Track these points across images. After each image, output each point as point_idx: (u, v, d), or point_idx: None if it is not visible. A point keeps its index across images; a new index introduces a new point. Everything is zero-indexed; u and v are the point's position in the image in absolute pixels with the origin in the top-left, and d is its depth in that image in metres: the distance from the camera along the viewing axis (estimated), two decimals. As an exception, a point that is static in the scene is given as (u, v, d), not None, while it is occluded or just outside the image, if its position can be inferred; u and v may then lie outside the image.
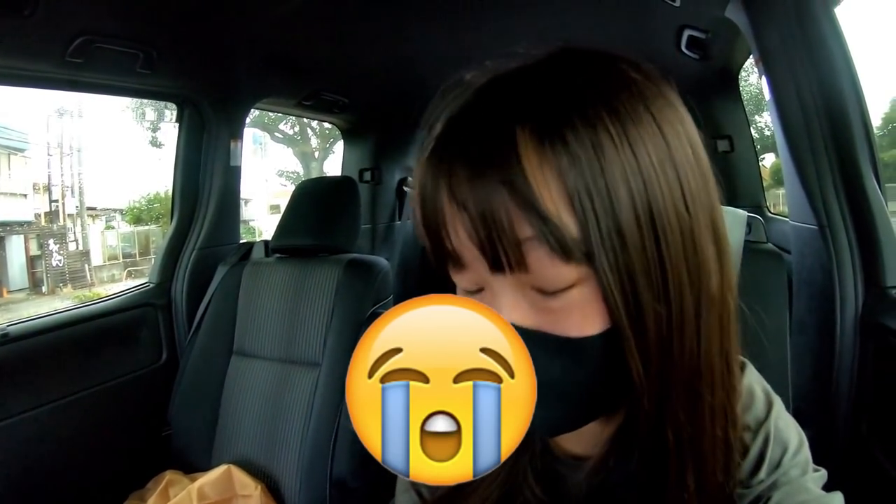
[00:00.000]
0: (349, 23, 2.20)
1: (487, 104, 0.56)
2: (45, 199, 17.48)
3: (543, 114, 0.52)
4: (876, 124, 1.46)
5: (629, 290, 0.52)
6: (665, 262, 0.53)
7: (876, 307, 1.40)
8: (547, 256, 0.51)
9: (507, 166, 0.50)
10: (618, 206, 0.51)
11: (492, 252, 0.52)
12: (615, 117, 0.52)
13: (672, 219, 0.53)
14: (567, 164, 0.50)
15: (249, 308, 2.10)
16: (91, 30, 1.73)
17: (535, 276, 0.52)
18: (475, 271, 0.56)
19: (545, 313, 0.54)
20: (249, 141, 16.67)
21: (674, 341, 0.55)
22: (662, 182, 0.53)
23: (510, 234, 0.51)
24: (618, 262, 0.51)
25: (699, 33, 2.18)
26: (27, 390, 1.81)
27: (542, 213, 0.50)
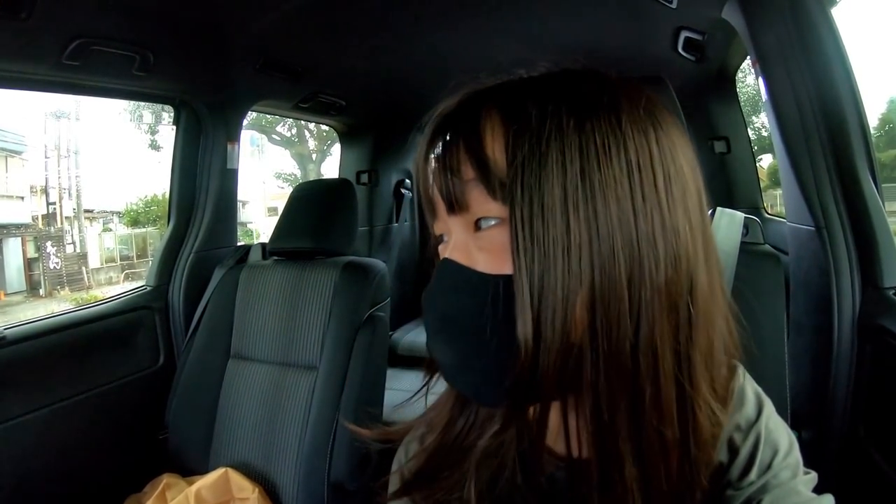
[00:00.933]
0: (346, 26, 2.20)
1: (472, 95, 0.68)
2: (42, 201, 17.45)
3: (511, 98, 0.63)
4: (873, 124, 1.46)
5: (540, 241, 0.57)
6: (592, 235, 0.57)
7: (873, 308, 1.40)
8: (481, 195, 0.61)
9: (468, 127, 0.63)
10: (544, 165, 0.58)
11: (446, 192, 0.64)
12: (573, 102, 0.60)
13: (611, 201, 0.57)
14: (513, 123, 0.60)
15: (246, 311, 2.10)
16: (87, 32, 1.72)
17: (473, 213, 0.62)
18: (442, 217, 0.67)
19: (478, 252, 0.62)
20: (247, 143, 16.68)
21: (596, 319, 0.56)
22: (604, 164, 0.58)
23: (458, 175, 0.62)
24: (532, 210, 0.57)
25: (696, 35, 2.19)
26: (24, 394, 1.80)
27: (482, 158, 0.61)
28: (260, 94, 2.61)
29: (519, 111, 0.60)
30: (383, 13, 2.12)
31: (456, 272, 0.63)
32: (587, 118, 0.59)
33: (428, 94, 3.23)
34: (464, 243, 0.63)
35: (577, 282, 0.56)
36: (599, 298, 0.56)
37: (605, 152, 0.57)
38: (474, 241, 0.63)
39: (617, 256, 0.56)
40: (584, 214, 0.56)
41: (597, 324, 0.56)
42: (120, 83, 2.04)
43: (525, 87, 0.64)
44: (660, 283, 0.57)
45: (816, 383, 1.52)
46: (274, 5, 1.95)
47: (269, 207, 20.55)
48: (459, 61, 2.72)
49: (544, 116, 0.59)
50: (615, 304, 0.56)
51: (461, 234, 0.64)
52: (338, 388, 1.87)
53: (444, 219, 0.66)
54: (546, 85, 0.64)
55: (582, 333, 0.56)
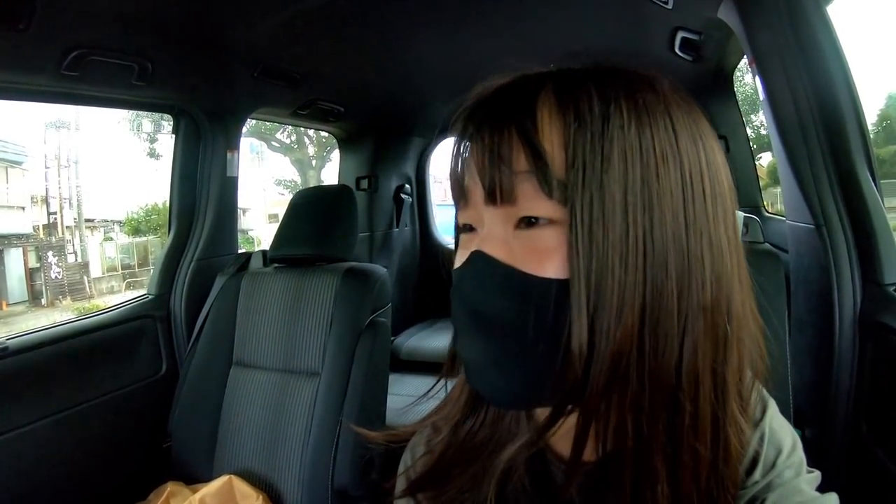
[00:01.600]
0: (343, 32, 2.21)
1: (518, 80, 0.64)
2: (43, 211, 17.45)
3: (568, 89, 0.59)
4: (871, 121, 1.45)
5: (598, 246, 0.55)
6: (648, 246, 0.56)
7: (874, 305, 1.40)
8: (533, 190, 0.57)
9: (521, 113, 0.59)
10: (607, 168, 0.56)
11: (489, 180, 0.59)
12: (631, 103, 0.58)
13: (667, 213, 0.56)
14: (572, 120, 0.57)
15: (248, 318, 2.10)
16: (86, 43, 1.73)
17: (520, 208, 0.58)
18: (475, 206, 0.63)
19: (519, 250, 0.58)
20: (247, 150, 16.67)
21: (645, 333, 0.56)
22: (662, 174, 0.57)
23: (508, 165, 0.58)
24: (592, 213, 0.55)
25: (692, 35, 2.19)
26: (27, 404, 1.81)
27: (538, 150, 0.57)
28: (258, 101, 2.61)
29: (578, 104, 0.58)
30: (380, 20, 2.13)
31: (495, 269, 0.59)
32: (646, 123, 0.58)
33: (426, 99, 3.24)
34: (501, 238, 0.60)
35: (631, 293, 0.55)
36: (650, 312, 0.56)
37: (663, 162, 0.57)
38: (515, 238, 0.59)
39: (669, 271, 0.56)
40: (642, 223, 0.56)
41: (646, 338, 0.56)
42: (119, 93, 2.05)
43: (582, 79, 0.61)
44: (705, 301, 0.58)
45: (818, 381, 1.52)
46: (271, 13, 1.96)
47: (270, 214, 20.53)
48: (457, 66, 2.73)
49: (606, 115, 0.57)
50: (664, 319, 0.56)
51: (499, 227, 0.60)
52: (340, 394, 1.87)
53: (478, 208, 0.62)
54: (603, 80, 0.60)
55: (631, 345, 0.56)
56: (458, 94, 2.34)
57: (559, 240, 0.56)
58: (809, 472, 0.65)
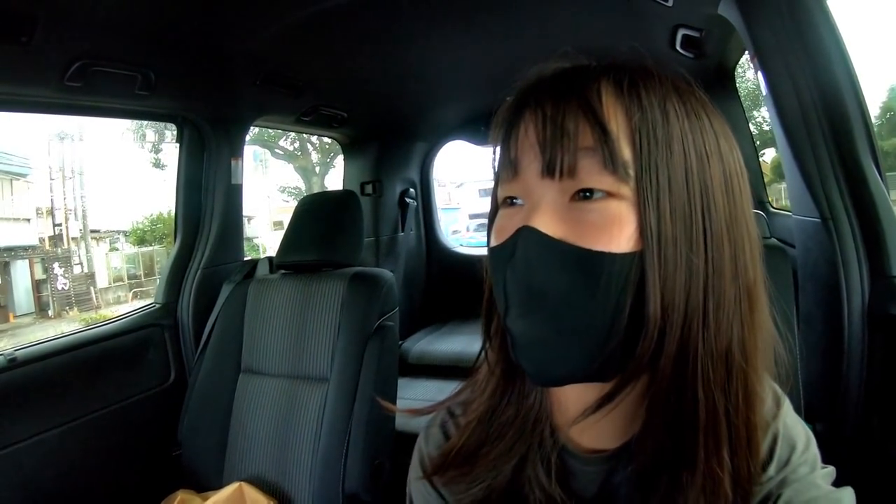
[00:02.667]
0: (345, 39, 2.21)
1: (577, 66, 0.66)
2: (48, 223, 17.51)
3: (625, 72, 0.62)
4: (874, 113, 1.45)
5: (666, 224, 0.58)
6: (707, 231, 0.59)
7: (883, 298, 1.39)
8: (597, 165, 0.58)
9: (586, 91, 0.60)
10: (670, 156, 0.59)
11: (550, 153, 0.59)
12: (680, 103, 0.62)
13: (720, 202, 0.61)
14: (635, 109, 0.59)
15: (256, 325, 2.10)
16: (89, 54, 1.74)
17: (580, 181, 0.59)
18: (525, 178, 0.62)
19: (577, 225, 0.58)
20: (250, 158, 16.71)
21: (708, 307, 0.59)
22: (713, 168, 0.61)
23: (573, 139, 0.58)
24: (659, 192, 0.58)
25: (693, 32, 2.18)
26: (36, 414, 1.81)
27: (605, 128, 0.58)
28: (262, 109, 2.61)
29: (638, 94, 0.60)
30: (381, 26, 2.13)
31: (553, 245, 0.58)
32: (695, 123, 0.62)
33: (429, 103, 3.23)
34: (554, 210, 0.60)
35: (696, 269, 0.58)
36: (712, 290, 0.59)
37: (709, 158, 0.61)
38: (572, 211, 0.59)
39: (724, 253, 0.59)
40: (701, 206, 0.59)
41: (710, 314, 0.59)
42: (122, 103, 2.06)
43: (634, 75, 0.63)
44: (748, 285, 0.62)
45: (828, 375, 1.51)
46: (273, 21, 1.96)
47: (275, 221, 20.57)
48: (459, 69, 2.73)
49: (664, 109, 0.60)
50: (722, 301, 0.59)
51: (553, 200, 0.60)
52: (349, 399, 1.87)
53: (529, 181, 0.62)
54: (651, 78, 0.63)
55: (698, 321, 0.59)
56: (460, 97, 2.34)
57: (621, 214, 0.58)
58: (824, 467, 0.65)
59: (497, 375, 0.73)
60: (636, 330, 0.58)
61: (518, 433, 0.71)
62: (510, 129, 0.65)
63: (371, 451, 1.85)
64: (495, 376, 0.73)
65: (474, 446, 0.72)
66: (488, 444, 0.72)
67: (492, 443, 0.72)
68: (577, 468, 0.70)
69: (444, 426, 0.81)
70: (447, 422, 0.81)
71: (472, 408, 0.75)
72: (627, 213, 0.57)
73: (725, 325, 0.59)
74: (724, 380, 0.60)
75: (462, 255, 4.15)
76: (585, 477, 0.69)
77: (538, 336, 0.60)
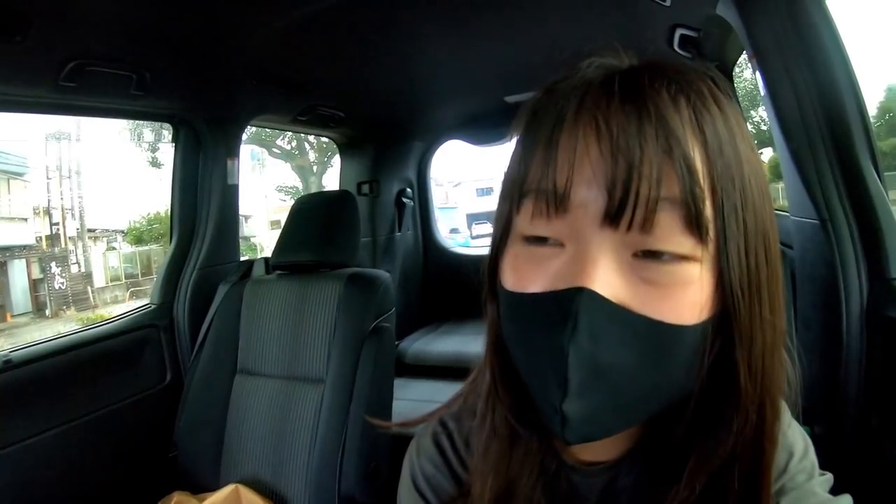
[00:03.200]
0: (342, 38, 2.20)
1: (639, 70, 0.55)
2: (45, 222, 17.52)
3: (691, 86, 0.53)
4: (872, 113, 1.44)
5: (745, 286, 0.52)
6: (770, 279, 0.55)
7: (881, 300, 1.39)
8: (678, 222, 0.49)
9: (669, 119, 0.50)
10: (745, 205, 0.52)
11: (621, 199, 0.49)
12: (736, 121, 0.54)
13: (772, 241, 0.56)
14: (715, 145, 0.51)
15: (252, 326, 2.09)
16: (83, 53, 1.73)
17: (655, 239, 0.50)
18: (576, 218, 0.52)
19: (642, 287, 0.51)
20: (247, 157, 16.70)
21: (775, 358, 0.56)
22: (768, 201, 0.56)
23: (654, 186, 0.48)
24: (739, 255, 0.52)
25: (691, 32, 2.18)
26: (32, 416, 1.81)
27: (696, 178, 0.49)
28: (258, 108, 2.61)
29: (709, 112, 0.52)
30: (379, 25, 2.12)
31: (622, 317, 0.50)
32: (747, 140, 0.55)
33: (426, 103, 3.23)
34: (618, 270, 0.51)
35: (769, 326, 0.55)
36: (774, 345, 0.56)
37: (764, 190, 0.55)
38: (636, 270, 0.51)
39: (778, 301, 0.56)
40: (764, 252, 0.54)
41: (775, 363, 0.57)
42: (117, 103, 2.05)
43: (692, 74, 0.55)
44: (781, 330, 0.58)
45: (827, 377, 1.51)
46: (269, 20, 1.95)
47: (272, 221, 20.62)
48: (457, 69, 2.73)
49: (732, 133, 0.53)
50: (777, 353, 0.57)
51: (614, 255, 0.51)
52: (345, 400, 1.87)
53: (581, 224, 0.52)
54: (702, 80, 0.55)
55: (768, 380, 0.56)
56: (458, 97, 2.33)
57: (698, 279, 0.51)
58: (822, 474, 0.65)
59: (502, 437, 0.66)
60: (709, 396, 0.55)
61: (529, 473, 0.67)
62: (553, 140, 0.53)
63: (367, 452, 1.85)
64: (499, 439, 0.67)
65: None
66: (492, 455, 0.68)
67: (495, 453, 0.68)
68: (577, 480, 0.68)
69: (436, 438, 0.78)
70: (440, 434, 0.78)
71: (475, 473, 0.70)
72: (704, 278, 0.51)
73: (779, 376, 0.58)
74: (779, 424, 0.58)
75: (459, 255, 4.14)
76: (586, 488, 0.68)
77: (595, 413, 0.52)
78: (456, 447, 0.76)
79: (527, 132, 0.57)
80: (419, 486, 0.76)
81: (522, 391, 0.59)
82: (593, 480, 0.67)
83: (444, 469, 0.76)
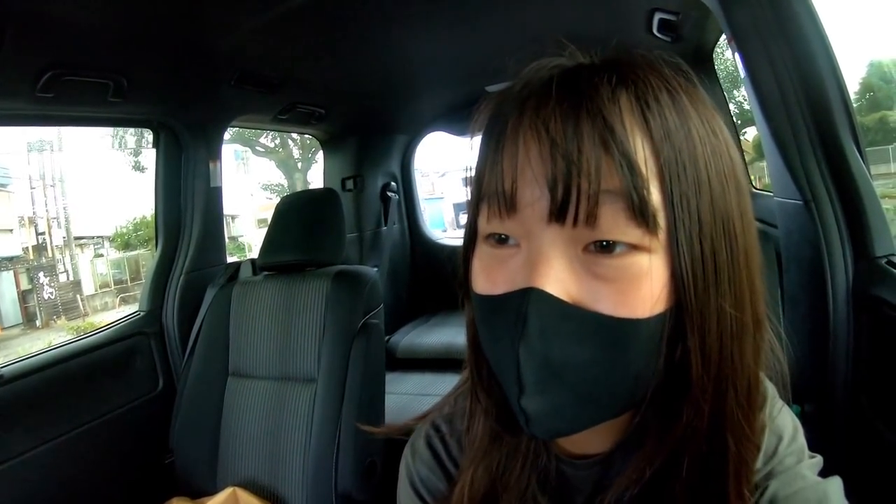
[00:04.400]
0: (318, 35, 2.19)
1: (581, 68, 0.56)
2: (31, 232, 17.40)
3: (639, 78, 0.53)
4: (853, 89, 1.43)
5: (699, 276, 0.52)
6: (731, 267, 0.54)
7: (867, 279, 1.39)
8: (622, 214, 0.49)
9: (605, 112, 0.50)
10: (699, 193, 0.52)
11: (563, 196, 0.50)
12: (694, 109, 0.54)
13: (738, 228, 0.55)
14: (662, 136, 0.51)
15: (241, 328, 2.09)
16: (59, 63, 1.72)
17: (600, 231, 0.50)
18: (525, 218, 0.53)
19: (595, 283, 0.51)
20: (231, 157, 16.62)
21: (734, 348, 0.55)
22: (730, 187, 0.55)
23: (594, 181, 0.49)
24: (692, 241, 0.51)
25: (670, 15, 2.18)
26: (26, 430, 1.80)
27: (635, 167, 0.49)
28: (238, 109, 2.59)
29: (659, 107, 0.52)
30: (355, 19, 2.10)
31: (571, 314, 0.51)
32: (706, 120, 0.55)
33: (407, 95, 3.21)
34: (567, 268, 0.52)
35: (725, 316, 0.53)
36: (737, 334, 0.55)
37: (725, 176, 0.54)
38: (588, 265, 0.52)
39: (744, 290, 0.55)
40: (724, 241, 0.53)
41: (735, 355, 0.55)
42: (95, 111, 2.04)
43: (642, 71, 0.54)
44: (759, 316, 0.57)
45: (815, 356, 1.51)
46: (245, 20, 1.94)
47: (259, 219, 20.51)
48: (436, 60, 2.72)
49: (686, 125, 0.53)
50: (745, 343, 0.56)
51: (563, 251, 0.52)
52: (338, 398, 1.87)
53: (530, 223, 0.53)
54: (657, 69, 0.55)
55: (727, 370, 0.55)
56: (438, 88, 2.32)
57: (649, 271, 0.51)
58: (812, 457, 0.64)
59: (486, 434, 0.68)
60: (667, 385, 0.55)
61: (520, 466, 0.68)
62: (500, 146, 0.54)
63: (362, 450, 1.85)
64: (484, 436, 0.69)
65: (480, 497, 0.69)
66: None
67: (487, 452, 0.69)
68: (570, 473, 0.68)
69: (430, 441, 0.78)
70: (433, 437, 0.78)
71: (463, 464, 0.72)
72: (656, 268, 0.51)
73: (746, 365, 0.56)
74: (748, 413, 0.57)
75: (446, 246, 4.13)
76: (580, 481, 0.68)
77: (555, 408, 0.54)
78: (449, 449, 0.77)
79: (482, 138, 0.59)
80: (417, 489, 0.76)
81: (500, 388, 0.60)
82: (586, 473, 0.67)
83: (439, 471, 0.76)
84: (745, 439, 0.57)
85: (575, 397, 0.53)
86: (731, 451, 0.56)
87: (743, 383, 0.56)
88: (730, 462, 0.56)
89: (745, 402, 0.56)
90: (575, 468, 0.68)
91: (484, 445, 0.68)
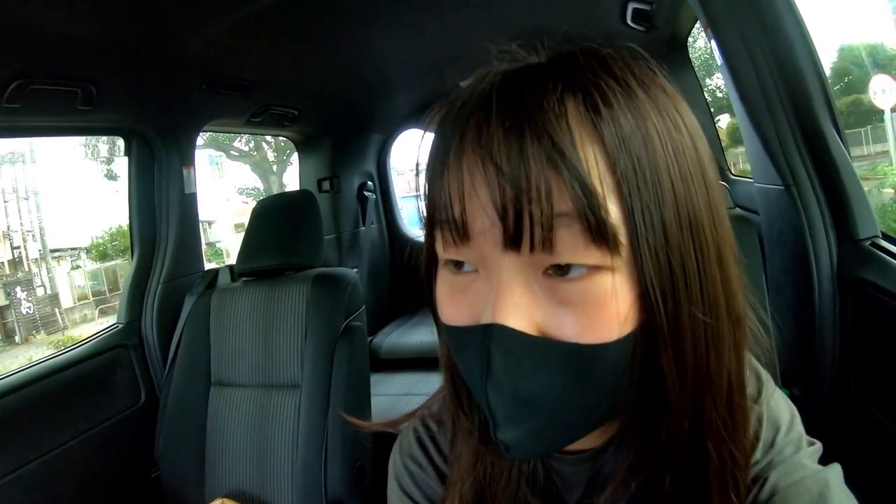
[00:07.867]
0: (288, 35, 2.17)
1: (524, 71, 0.52)
2: (6, 246, 17.21)
3: (588, 77, 0.50)
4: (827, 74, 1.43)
5: (668, 289, 0.50)
6: (700, 271, 0.51)
7: (851, 261, 1.40)
8: (580, 236, 0.47)
9: (550, 128, 0.47)
10: (661, 198, 0.49)
11: (515, 223, 0.47)
12: (652, 103, 0.51)
13: (707, 226, 0.52)
14: (617, 142, 0.48)
15: (222, 336, 2.07)
16: (25, 72, 1.68)
17: (557, 255, 0.48)
18: (479, 246, 0.51)
19: (558, 309, 0.49)
20: (206, 162, 16.52)
21: (710, 356, 0.53)
22: (696, 184, 0.52)
23: (546, 206, 0.46)
24: (657, 255, 0.49)
25: (643, 5, 2.18)
26: (8, 450, 1.78)
27: (588, 187, 0.46)
28: (210, 113, 2.56)
29: (611, 112, 0.48)
30: (326, 18, 2.08)
31: (536, 347, 0.49)
32: (667, 114, 0.52)
33: (381, 94, 3.19)
34: (527, 295, 0.50)
35: (699, 324, 0.51)
36: (713, 340, 0.53)
37: (690, 174, 0.52)
38: (548, 291, 0.49)
39: (718, 290, 0.53)
40: (692, 242, 0.51)
41: (712, 367, 0.53)
42: (64, 120, 2.00)
43: (593, 73, 0.50)
44: (738, 315, 0.56)
45: (802, 340, 1.52)
46: (213, 23, 1.91)
47: (236, 224, 20.42)
48: (409, 57, 2.71)
49: (644, 127, 0.49)
50: (721, 347, 0.54)
51: (522, 278, 0.50)
52: (323, 403, 1.86)
53: (485, 251, 0.51)
54: (608, 63, 0.52)
55: (704, 379, 0.53)
56: (411, 85, 2.30)
57: (613, 291, 0.48)
58: (811, 443, 0.64)
59: (473, 448, 0.67)
60: (644, 399, 0.54)
61: (507, 472, 0.67)
62: (445, 170, 0.52)
63: (350, 454, 1.84)
64: (471, 451, 0.67)
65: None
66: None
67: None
68: (562, 469, 0.68)
69: (419, 438, 0.78)
70: (422, 434, 0.77)
71: (451, 478, 0.70)
72: (621, 287, 0.49)
73: (725, 368, 0.54)
74: (728, 419, 0.55)
75: None
76: (573, 476, 0.67)
77: (531, 435, 0.53)
78: (439, 446, 0.76)
79: (428, 154, 0.56)
80: (405, 487, 0.75)
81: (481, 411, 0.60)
82: (579, 468, 0.67)
83: (430, 468, 0.75)
84: (727, 446, 0.55)
85: (549, 422, 0.53)
86: (712, 460, 0.55)
87: (722, 389, 0.54)
88: (710, 472, 0.55)
89: (724, 411, 0.55)
90: (567, 464, 0.67)
91: (470, 461, 0.67)
